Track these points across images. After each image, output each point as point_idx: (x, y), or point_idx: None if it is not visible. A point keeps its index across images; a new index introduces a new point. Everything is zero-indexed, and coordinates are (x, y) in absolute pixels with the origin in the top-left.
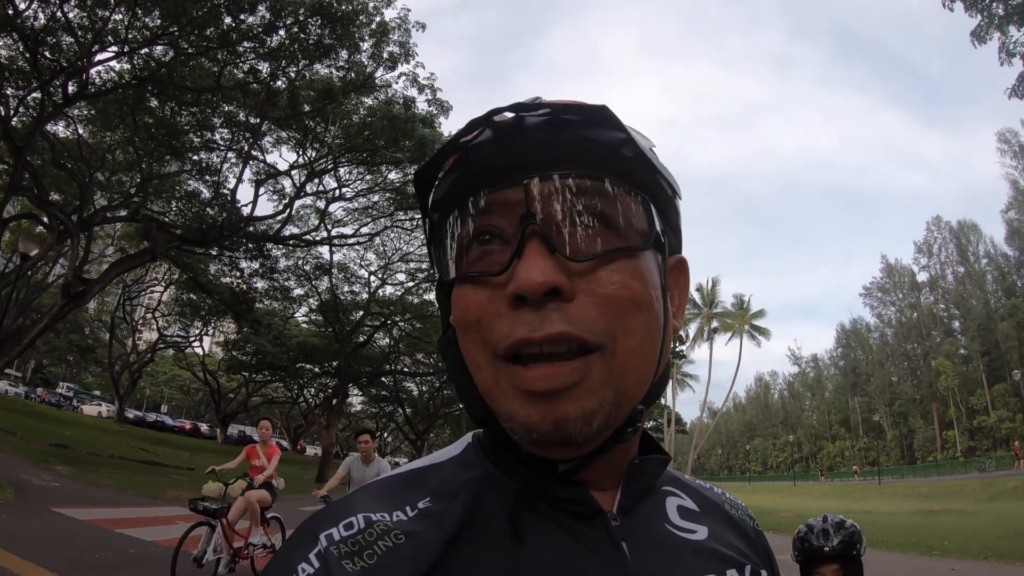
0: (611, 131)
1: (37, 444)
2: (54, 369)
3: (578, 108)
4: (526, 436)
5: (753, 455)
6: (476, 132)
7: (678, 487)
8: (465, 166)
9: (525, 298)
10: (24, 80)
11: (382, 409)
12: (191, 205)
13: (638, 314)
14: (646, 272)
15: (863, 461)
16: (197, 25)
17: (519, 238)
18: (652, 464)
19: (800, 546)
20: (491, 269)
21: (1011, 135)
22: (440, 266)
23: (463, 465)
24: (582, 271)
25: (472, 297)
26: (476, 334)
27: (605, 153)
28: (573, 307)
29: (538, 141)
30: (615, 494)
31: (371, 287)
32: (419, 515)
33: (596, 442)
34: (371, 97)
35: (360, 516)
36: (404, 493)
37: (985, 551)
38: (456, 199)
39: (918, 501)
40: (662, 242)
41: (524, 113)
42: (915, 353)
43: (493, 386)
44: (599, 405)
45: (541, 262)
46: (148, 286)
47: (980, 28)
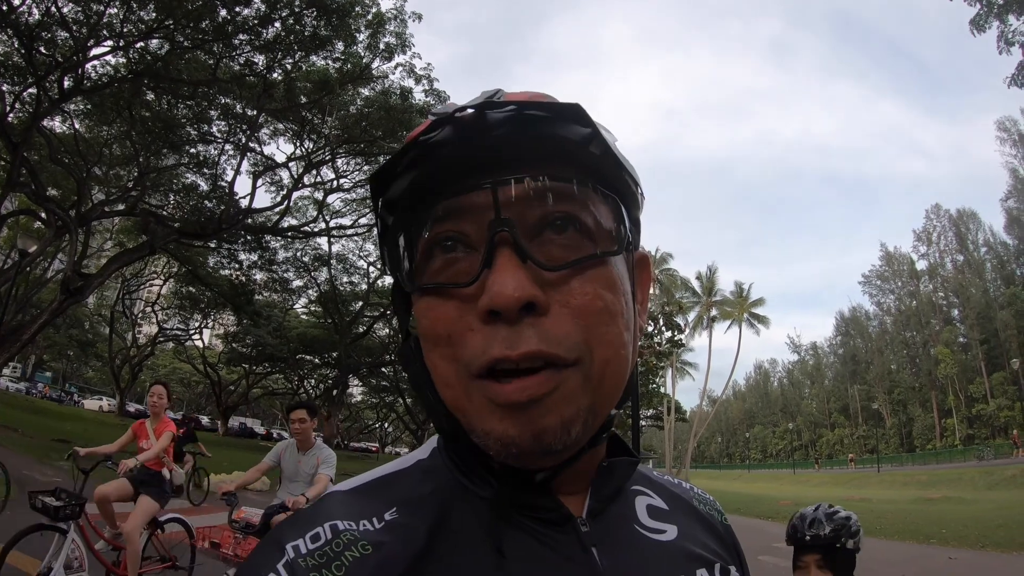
0: (579, 127)
1: (39, 440)
2: (54, 364)
3: (545, 104)
4: (503, 451)
5: (753, 443)
6: (437, 129)
7: (646, 485)
8: (425, 165)
9: (499, 313)
10: (20, 76)
11: (383, 399)
12: (189, 198)
13: (611, 325)
14: (617, 279)
15: (862, 449)
16: (192, 18)
17: (488, 246)
18: (621, 466)
19: (790, 532)
20: (458, 279)
21: (1011, 124)
22: (397, 273)
23: (429, 472)
24: (554, 281)
25: (440, 310)
26: (446, 349)
27: (573, 151)
28: (548, 321)
29: (503, 138)
30: (584, 498)
31: (370, 277)
32: (387, 526)
33: (573, 450)
34: (368, 88)
35: (327, 526)
36: (370, 502)
37: (983, 539)
38: (415, 201)
39: (917, 489)
40: (630, 241)
41: (488, 109)
42: (914, 341)
43: (465, 403)
44: (576, 413)
45: (514, 273)
46: (147, 280)
47: (979, 17)
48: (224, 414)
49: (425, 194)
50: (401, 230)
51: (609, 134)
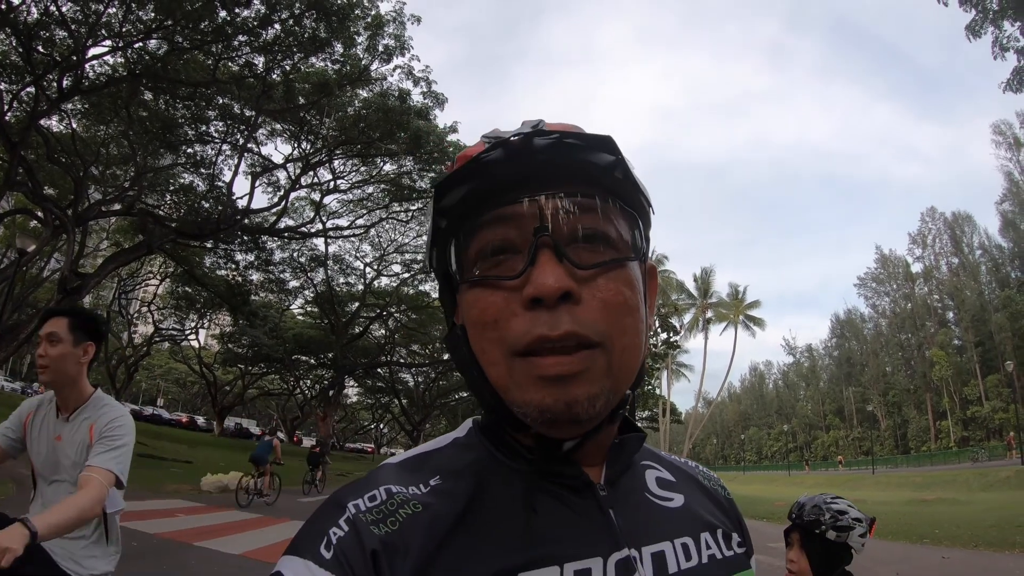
0: (607, 155)
1: None
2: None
3: (582, 135)
4: (540, 417)
5: (748, 445)
6: (491, 150)
7: (655, 461)
8: (477, 179)
9: (541, 300)
10: (18, 75)
11: (378, 400)
12: (186, 198)
13: (629, 317)
14: (635, 280)
15: (857, 451)
16: (192, 19)
17: (533, 247)
18: (631, 441)
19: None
20: (506, 274)
21: (1006, 127)
22: (447, 267)
23: (466, 447)
24: (585, 278)
25: (489, 299)
26: (493, 332)
27: (601, 174)
28: (580, 309)
29: (546, 161)
30: (601, 469)
31: (366, 278)
32: (432, 491)
33: (596, 421)
34: (366, 90)
35: (382, 489)
36: (416, 472)
37: (976, 539)
38: (468, 208)
39: (912, 490)
40: (644, 252)
41: (535, 136)
42: (909, 343)
43: (507, 379)
44: (600, 391)
45: (554, 269)
46: (143, 280)
47: (975, 23)
48: (220, 414)
49: (478, 203)
50: (454, 232)
51: (629, 162)
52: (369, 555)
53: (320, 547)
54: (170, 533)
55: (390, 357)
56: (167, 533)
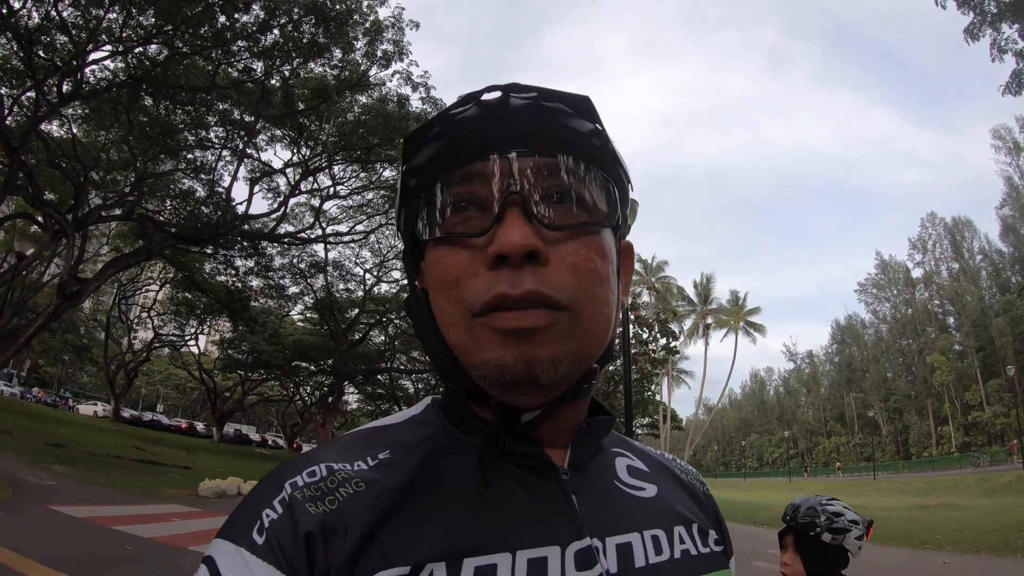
0: (585, 120)
1: (33, 443)
2: (50, 369)
3: (560, 96)
4: (498, 379)
5: (749, 451)
6: (464, 107)
7: (628, 449)
8: (449, 137)
9: (505, 258)
10: (19, 79)
11: (378, 407)
12: (186, 204)
13: (599, 285)
14: (607, 249)
15: (859, 457)
16: (191, 24)
17: (500, 205)
18: (599, 424)
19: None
20: (472, 231)
21: (1005, 132)
22: (414, 227)
23: (421, 423)
24: (554, 239)
25: (452, 257)
26: (453, 292)
27: (579, 139)
28: (547, 271)
29: (520, 122)
30: (566, 452)
31: (366, 285)
32: (379, 464)
33: (559, 388)
34: (365, 95)
35: (323, 465)
36: (364, 446)
37: (977, 543)
38: (438, 167)
39: (913, 496)
40: (619, 225)
41: (511, 94)
42: (910, 349)
43: (467, 339)
44: (564, 353)
45: (521, 227)
46: (143, 285)
47: (973, 25)
48: (219, 421)
49: (448, 160)
50: (423, 189)
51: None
52: (303, 539)
53: (253, 531)
54: (165, 537)
55: (390, 363)
56: (162, 537)
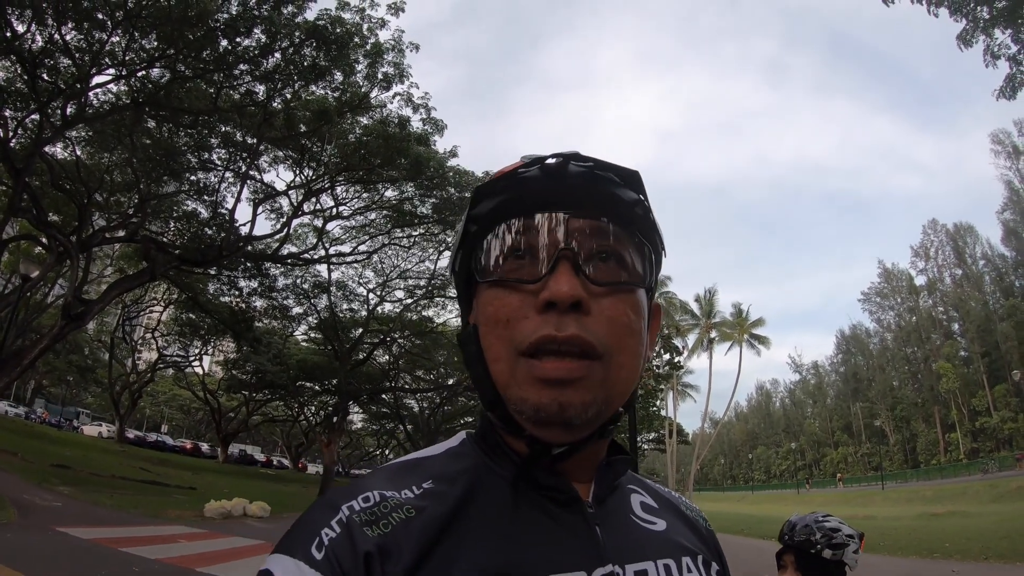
0: (632, 191)
1: (38, 464)
2: (54, 390)
3: (613, 167)
4: (534, 416)
5: (756, 464)
6: (528, 168)
7: (640, 486)
8: (512, 192)
9: (554, 305)
10: (23, 102)
11: (383, 426)
12: (189, 225)
13: (631, 338)
14: (641, 307)
15: (866, 466)
16: (194, 48)
17: (554, 258)
18: (619, 463)
19: (779, 535)
20: (526, 278)
21: (1005, 136)
22: (470, 268)
23: (458, 456)
24: (596, 294)
25: (505, 300)
26: (503, 331)
27: (624, 207)
28: (588, 320)
29: (576, 187)
30: (589, 487)
31: (370, 304)
32: (424, 493)
33: (587, 429)
34: (366, 117)
35: (375, 492)
36: (409, 476)
37: (986, 551)
38: (499, 217)
39: (922, 505)
40: (652, 288)
41: (571, 162)
42: (915, 357)
43: (509, 377)
44: (594, 399)
45: (570, 280)
46: (147, 306)
47: (966, 32)
48: (224, 441)
49: (509, 212)
50: (483, 235)
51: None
52: (362, 557)
53: (312, 547)
54: (171, 559)
55: (394, 383)
56: (168, 559)
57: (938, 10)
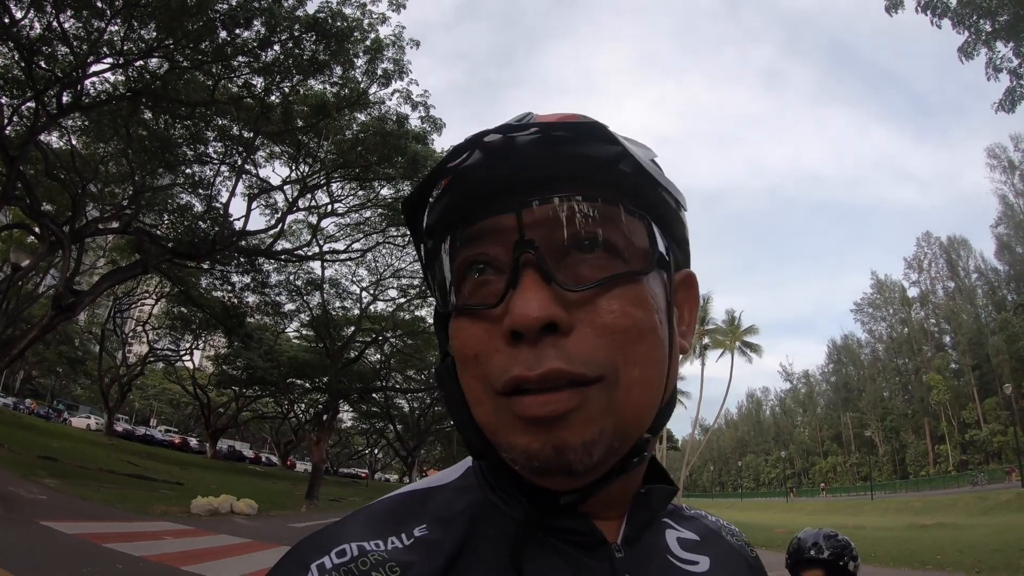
0: (606, 145)
1: (25, 456)
2: (43, 381)
3: (570, 124)
4: (527, 465)
5: (745, 471)
6: (465, 154)
7: (677, 518)
8: (455, 189)
9: (521, 334)
10: (19, 89)
11: (373, 425)
12: (183, 218)
13: (640, 343)
14: (649, 296)
15: (855, 476)
16: (192, 38)
17: (513, 268)
18: (658, 494)
19: (791, 552)
20: (487, 301)
21: (1000, 150)
22: (436, 295)
23: (462, 490)
24: (580, 300)
25: (470, 331)
26: (475, 369)
27: (601, 169)
28: (570, 341)
29: (530, 160)
30: (619, 524)
31: (362, 303)
32: (416, 543)
33: (598, 472)
34: (364, 113)
35: (353, 545)
36: (400, 518)
37: (978, 564)
38: (448, 225)
39: (911, 516)
40: (666, 260)
41: (514, 133)
42: (906, 368)
43: (493, 419)
44: (599, 435)
45: (537, 294)
46: (139, 299)
47: (967, 44)
48: (212, 436)
49: (456, 217)
50: (437, 254)
51: (645, 150)
52: None
53: None
54: (157, 556)
55: (385, 382)
56: (154, 556)
57: (941, 21)
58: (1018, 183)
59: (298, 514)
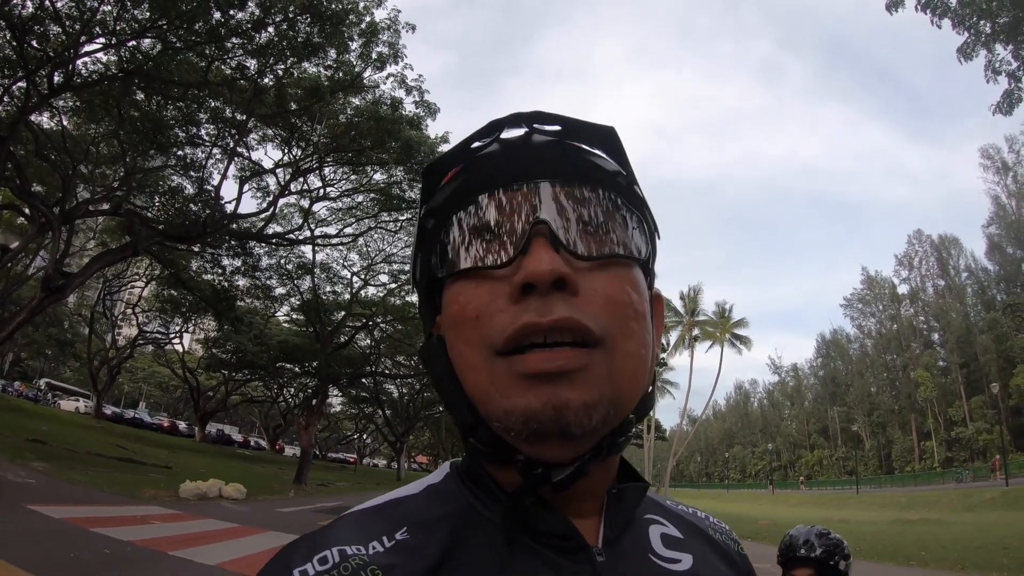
0: (611, 156)
1: (13, 439)
2: (33, 363)
3: (584, 127)
4: (524, 428)
5: (732, 463)
6: (484, 141)
7: (660, 514)
8: (471, 173)
9: (532, 287)
10: (10, 69)
11: (362, 410)
12: (174, 201)
13: (635, 321)
14: (641, 285)
15: (841, 470)
16: (186, 19)
17: (527, 235)
18: (631, 491)
19: (782, 549)
20: (495, 264)
21: (994, 151)
22: (432, 267)
23: (441, 495)
24: (584, 270)
25: (472, 292)
26: (473, 331)
27: (604, 175)
28: (578, 300)
29: (544, 156)
30: (598, 524)
31: (353, 288)
32: (397, 546)
33: (591, 440)
34: (359, 97)
35: (335, 550)
36: (381, 523)
37: (962, 561)
38: (459, 201)
39: (896, 511)
40: (650, 268)
41: (532, 128)
42: (894, 364)
43: (488, 385)
44: (599, 399)
45: (549, 255)
46: (129, 281)
47: (967, 45)
48: (201, 420)
49: (469, 196)
50: (440, 230)
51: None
52: None
53: None
54: (144, 541)
55: (375, 367)
56: (141, 541)
57: (941, 21)
58: (1011, 184)
59: (286, 499)
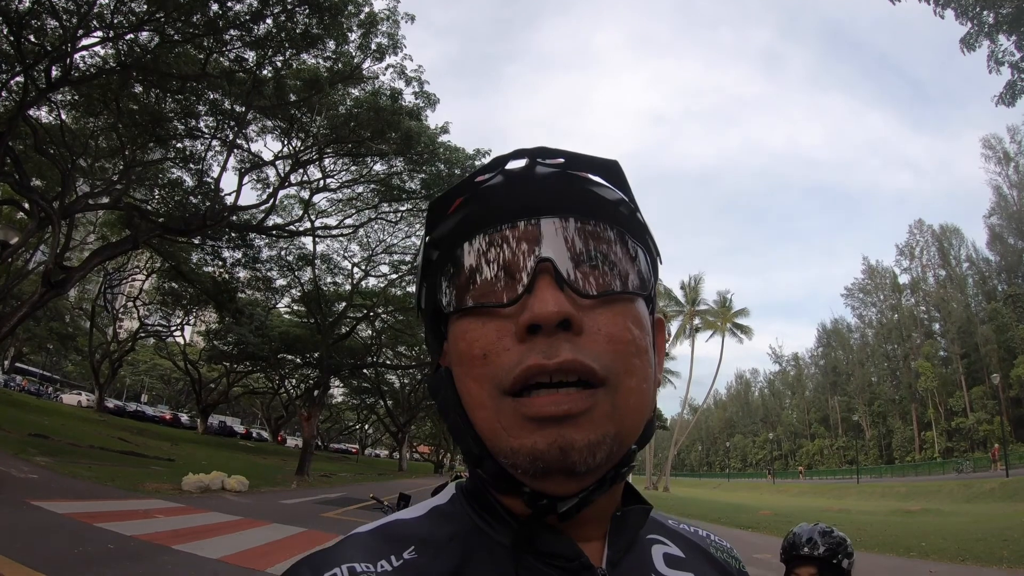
0: (614, 187)
1: (16, 434)
2: (34, 357)
3: (588, 161)
4: (530, 467)
5: (733, 452)
6: (489, 175)
7: (663, 534)
8: (475, 204)
9: (538, 328)
10: (8, 64)
11: (363, 401)
12: (174, 193)
13: (637, 357)
14: (643, 319)
15: (842, 460)
16: (183, 11)
17: (532, 273)
18: (635, 514)
19: (786, 547)
20: (500, 302)
21: (996, 141)
22: (437, 300)
23: (448, 516)
24: (588, 308)
25: (479, 331)
26: (481, 369)
27: (607, 207)
28: (583, 340)
29: (547, 189)
30: (602, 547)
31: (354, 278)
32: (405, 565)
33: (594, 476)
34: (358, 88)
35: (344, 567)
36: (389, 542)
37: (963, 552)
38: (463, 235)
39: (896, 501)
40: (652, 298)
41: (537, 161)
42: (895, 354)
43: (495, 423)
44: (603, 438)
45: (554, 294)
46: (129, 274)
47: (970, 36)
48: (203, 412)
49: (473, 228)
50: (447, 260)
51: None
52: None
53: None
54: (148, 535)
55: (376, 358)
56: (145, 535)
57: (944, 11)
58: (1012, 174)
59: (289, 490)
